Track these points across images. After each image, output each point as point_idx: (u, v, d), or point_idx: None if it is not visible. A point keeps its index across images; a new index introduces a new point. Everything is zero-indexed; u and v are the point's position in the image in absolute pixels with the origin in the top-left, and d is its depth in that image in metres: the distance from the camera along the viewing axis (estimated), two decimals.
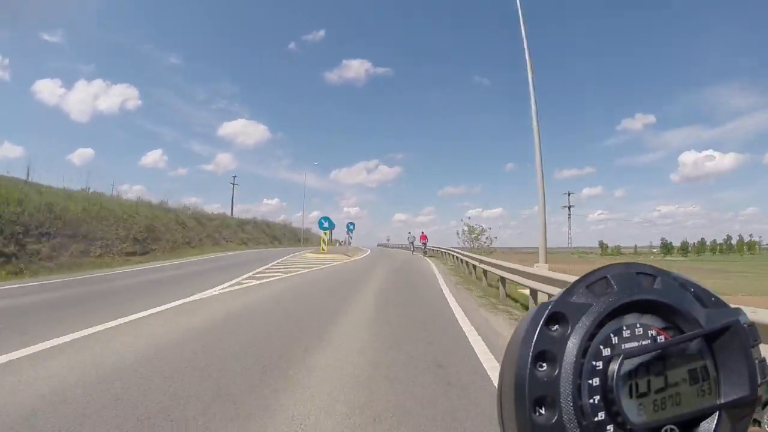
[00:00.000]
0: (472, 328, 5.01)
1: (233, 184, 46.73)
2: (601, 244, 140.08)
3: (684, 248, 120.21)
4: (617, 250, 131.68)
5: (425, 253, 24.91)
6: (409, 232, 29.93)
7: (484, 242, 26.46)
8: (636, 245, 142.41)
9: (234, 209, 41.25)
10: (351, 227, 27.89)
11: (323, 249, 21.66)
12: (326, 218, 22.85)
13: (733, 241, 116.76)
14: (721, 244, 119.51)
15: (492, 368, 3.40)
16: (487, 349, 4.03)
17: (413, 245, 28.80)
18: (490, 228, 33.91)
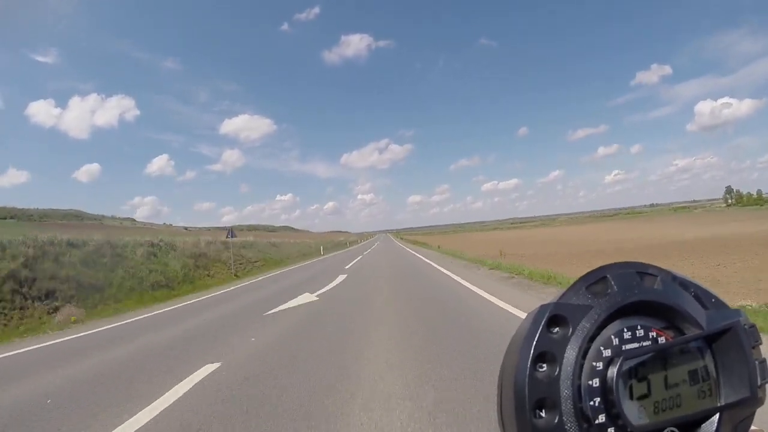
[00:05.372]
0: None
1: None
2: (729, 191, 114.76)
3: None
4: (757, 198, 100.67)
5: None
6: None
7: None
8: None
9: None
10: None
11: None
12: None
13: None
14: None
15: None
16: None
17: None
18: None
